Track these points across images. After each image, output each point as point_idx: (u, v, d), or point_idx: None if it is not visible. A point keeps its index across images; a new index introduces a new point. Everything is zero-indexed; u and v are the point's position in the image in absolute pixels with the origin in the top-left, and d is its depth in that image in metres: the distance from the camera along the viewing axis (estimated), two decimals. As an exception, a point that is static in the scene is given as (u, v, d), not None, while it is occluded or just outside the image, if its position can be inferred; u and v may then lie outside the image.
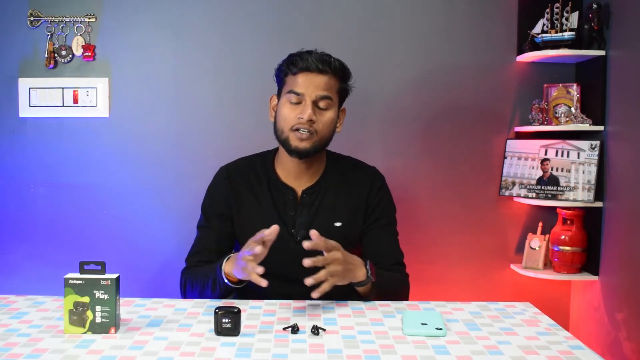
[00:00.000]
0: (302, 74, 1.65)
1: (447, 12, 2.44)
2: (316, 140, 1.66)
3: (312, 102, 1.64)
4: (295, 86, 1.66)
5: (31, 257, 2.44)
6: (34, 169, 2.44)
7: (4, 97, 2.42)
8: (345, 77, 1.72)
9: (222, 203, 1.77)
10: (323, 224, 1.72)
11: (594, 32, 2.26)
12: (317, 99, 1.65)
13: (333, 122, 1.70)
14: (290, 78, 1.68)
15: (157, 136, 2.45)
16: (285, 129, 1.67)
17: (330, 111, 1.68)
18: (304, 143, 1.65)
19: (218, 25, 2.43)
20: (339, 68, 1.69)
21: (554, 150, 2.36)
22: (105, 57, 2.42)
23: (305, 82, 1.65)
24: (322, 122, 1.66)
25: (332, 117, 1.69)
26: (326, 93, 1.66)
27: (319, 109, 1.66)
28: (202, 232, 1.78)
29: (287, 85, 1.69)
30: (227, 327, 1.28)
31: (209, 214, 1.78)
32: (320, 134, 1.67)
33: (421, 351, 1.21)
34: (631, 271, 2.09)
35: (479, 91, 2.46)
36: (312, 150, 1.67)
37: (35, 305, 1.49)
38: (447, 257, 2.49)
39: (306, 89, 1.65)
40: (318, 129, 1.66)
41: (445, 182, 2.48)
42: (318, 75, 1.65)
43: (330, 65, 1.67)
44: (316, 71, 1.65)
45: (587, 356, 1.19)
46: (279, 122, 1.69)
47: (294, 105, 1.66)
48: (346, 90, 1.75)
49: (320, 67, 1.65)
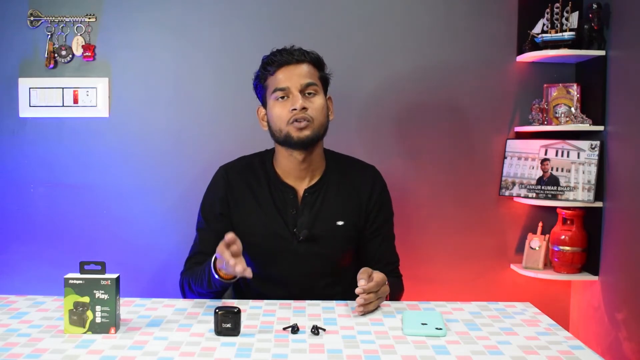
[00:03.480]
0: (281, 69, 1.67)
1: (447, 11, 2.44)
2: (315, 126, 1.66)
3: (299, 91, 1.65)
4: (278, 83, 1.66)
5: (31, 257, 2.44)
6: (34, 169, 2.44)
7: (4, 97, 2.42)
8: (322, 65, 1.74)
9: (220, 204, 1.76)
10: (325, 223, 1.72)
11: (594, 32, 2.25)
12: (303, 87, 1.66)
13: (324, 107, 1.71)
14: (271, 79, 1.69)
15: (157, 136, 2.45)
16: (282, 126, 1.66)
17: (318, 96, 1.69)
18: (304, 132, 1.65)
19: (218, 25, 2.43)
20: (315, 56, 1.72)
21: (554, 150, 2.36)
22: (105, 57, 2.42)
23: (287, 75, 1.66)
24: (314, 108, 1.67)
25: (322, 102, 1.70)
26: (310, 80, 1.67)
27: (307, 96, 1.67)
28: (201, 234, 1.78)
29: (270, 87, 1.69)
30: (227, 327, 1.28)
31: (208, 216, 1.78)
32: (316, 120, 1.67)
33: (421, 351, 1.21)
34: (631, 271, 2.09)
35: (479, 91, 2.46)
36: (314, 136, 1.67)
37: (35, 305, 1.49)
38: (447, 257, 2.49)
39: (290, 81, 1.66)
40: (313, 115, 1.66)
41: (445, 182, 2.48)
42: (297, 66, 1.67)
43: (306, 55, 1.69)
44: (294, 62, 1.67)
45: (587, 356, 1.19)
46: (274, 123, 1.69)
47: (283, 102, 1.67)
48: (326, 79, 1.76)
49: (297, 57, 1.67)
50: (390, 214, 1.84)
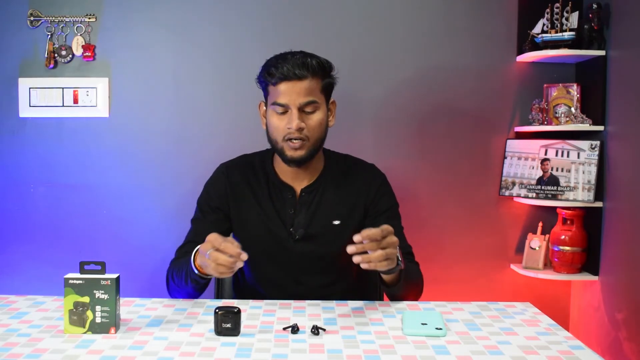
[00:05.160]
0: (281, 83, 1.62)
1: (447, 12, 2.44)
2: (310, 145, 1.65)
3: (297, 110, 1.62)
4: (277, 97, 1.63)
5: (31, 257, 2.44)
6: (34, 169, 2.44)
7: (4, 97, 2.42)
8: (326, 72, 1.67)
9: (219, 198, 1.75)
10: (321, 222, 1.71)
11: (594, 32, 2.26)
12: (302, 105, 1.62)
13: (323, 122, 1.68)
14: (272, 89, 1.65)
15: (157, 136, 2.45)
16: (279, 139, 1.65)
17: (317, 113, 1.66)
18: (298, 152, 1.64)
19: (218, 25, 2.43)
20: (318, 67, 1.64)
21: (554, 150, 2.36)
22: (105, 57, 2.42)
23: (287, 92, 1.62)
24: (311, 127, 1.64)
25: (321, 118, 1.67)
26: (310, 98, 1.63)
27: (306, 114, 1.64)
28: (196, 225, 1.76)
29: (270, 96, 1.67)
30: (227, 327, 1.27)
31: (205, 207, 1.76)
32: (312, 139, 1.65)
33: (421, 351, 1.20)
34: (631, 271, 2.09)
35: (479, 91, 2.46)
36: (308, 156, 1.66)
37: (35, 305, 1.49)
38: (447, 257, 2.49)
39: (289, 98, 1.62)
40: (309, 135, 1.64)
41: (445, 182, 2.48)
42: (298, 82, 1.61)
43: (309, 68, 1.62)
44: (295, 78, 1.61)
45: (587, 356, 1.19)
46: (271, 132, 1.68)
47: (281, 116, 1.64)
48: (331, 84, 1.70)
49: (297, 74, 1.60)
50: (393, 204, 1.79)
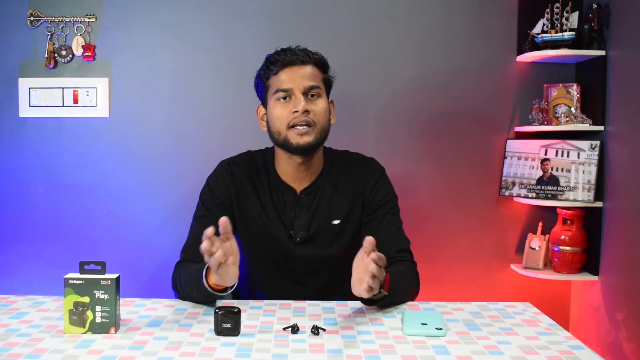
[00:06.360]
0: (284, 70, 1.63)
1: (447, 12, 2.44)
2: (317, 131, 1.62)
3: (302, 93, 1.61)
4: (281, 84, 1.63)
5: (31, 257, 2.44)
6: (34, 169, 2.44)
7: (4, 97, 2.42)
8: (326, 67, 1.70)
9: (223, 193, 1.72)
10: (321, 222, 1.70)
11: (594, 32, 2.26)
12: (306, 89, 1.62)
13: (327, 111, 1.67)
14: (274, 78, 1.65)
15: (157, 136, 2.45)
16: (282, 128, 1.62)
17: (321, 99, 1.65)
18: (305, 137, 1.61)
19: (218, 26, 2.43)
20: (319, 58, 1.68)
21: (554, 150, 2.36)
22: (105, 57, 2.42)
23: (290, 76, 1.62)
24: (317, 111, 1.63)
25: (325, 105, 1.66)
26: (314, 82, 1.64)
27: (310, 98, 1.63)
28: (201, 222, 1.67)
29: (272, 87, 1.65)
30: (227, 327, 1.27)
31: (209, 204, 1.71)
32: (318, 124, 1.63)
33: (421, 351, 1.20)
34: (631, 271, 2.09)
35: (479, 91, 2.46)
36: (315, 143, 1.63)
37: (35, 305, 1.49)
38: (447, 257, 2.49)
39: (293, 82, 1.62)
40: (315, 119, 1.62)
41: (445, 182, 2.48)
42: (302, 67, 1.63)
43: (311, 56, 1.66)
44: (298, 63, 1.63)
45: (587, 356, 1.19)
46: (273, 124, 1.65)
47: (284, 103, 1.63)
48: (330, 81, 1.72)
49: (301, 58, 1.63)
50: (391, 199, 1.75)
